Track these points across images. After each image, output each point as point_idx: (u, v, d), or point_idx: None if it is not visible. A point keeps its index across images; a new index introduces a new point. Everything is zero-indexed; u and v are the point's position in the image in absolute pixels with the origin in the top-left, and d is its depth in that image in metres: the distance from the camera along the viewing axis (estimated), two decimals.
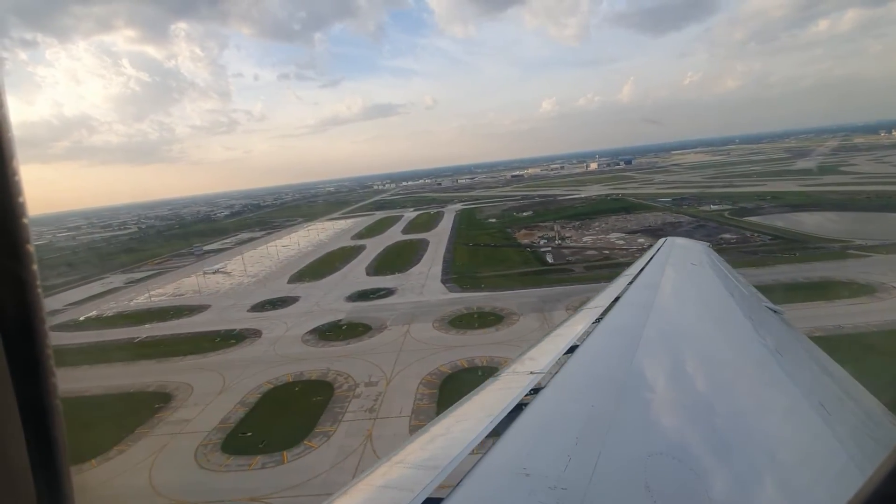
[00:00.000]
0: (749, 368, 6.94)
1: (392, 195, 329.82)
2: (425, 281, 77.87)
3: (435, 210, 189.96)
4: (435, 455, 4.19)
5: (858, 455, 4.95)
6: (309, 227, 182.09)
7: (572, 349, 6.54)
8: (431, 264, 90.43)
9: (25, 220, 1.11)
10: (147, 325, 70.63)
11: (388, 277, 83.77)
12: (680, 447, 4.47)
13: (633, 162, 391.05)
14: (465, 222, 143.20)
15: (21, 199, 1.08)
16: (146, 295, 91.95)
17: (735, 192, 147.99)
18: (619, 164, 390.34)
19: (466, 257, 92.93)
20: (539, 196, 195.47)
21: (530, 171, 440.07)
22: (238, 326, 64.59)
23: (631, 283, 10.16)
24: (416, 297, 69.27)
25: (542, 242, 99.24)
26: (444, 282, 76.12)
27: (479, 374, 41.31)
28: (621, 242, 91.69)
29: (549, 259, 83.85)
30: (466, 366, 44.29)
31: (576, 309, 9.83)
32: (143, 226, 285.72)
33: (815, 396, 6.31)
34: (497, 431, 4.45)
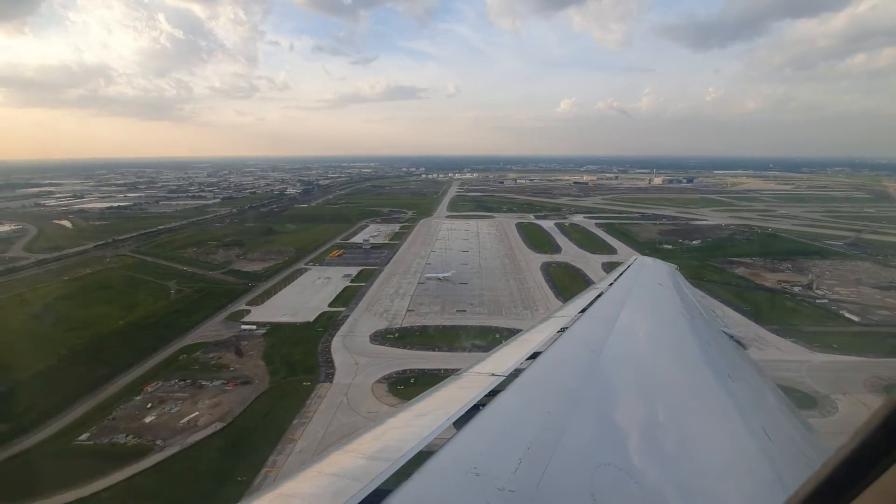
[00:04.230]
0: (701, 391, 7.18)
1: (463, 189, 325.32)
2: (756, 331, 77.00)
3: (566, 221, 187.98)
4: (388, 447, 4.28)
5: (792, 479, 5.20)
6: (449, 228, 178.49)
7: (535, 355, 6.70)
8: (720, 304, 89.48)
9: None
10: None
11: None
12: (628, 460, 4.63)
13: (694, 181, 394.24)
14: (643, 247, 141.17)
15: None
16: (412, 299, 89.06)
17: None
18: (681, 182, 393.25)
19: (740, 300, 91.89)
20: (667, 219, 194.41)
21: (586, 177, 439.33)
22: None
23: (598, 296, 10.46)
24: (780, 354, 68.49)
25: (796, 290, 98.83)
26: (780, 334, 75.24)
27: None
28: None
29: (852, 317, 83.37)
30: None
31: (543, 318, 10.02)
32: (221, 196, 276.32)
33: (760, 422, 6.64)
34: (452, 429, 4.54)
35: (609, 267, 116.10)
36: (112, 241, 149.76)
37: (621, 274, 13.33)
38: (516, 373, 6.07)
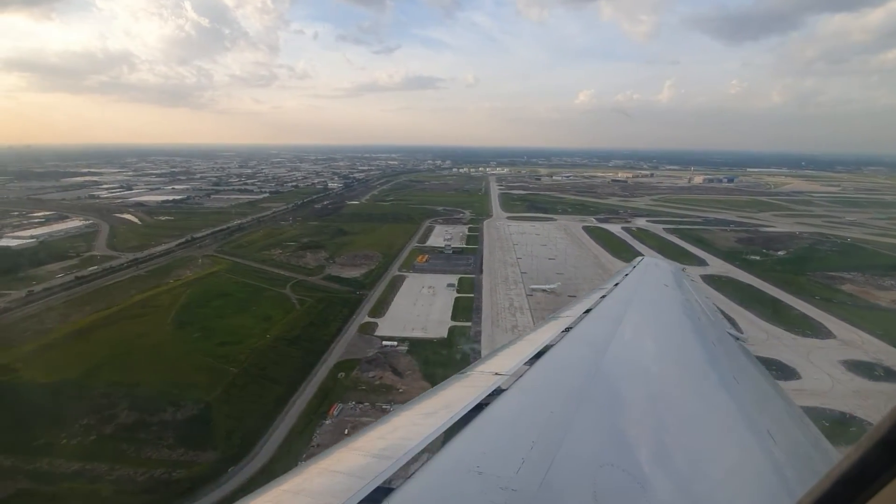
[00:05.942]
0: (705, 392, 7.10)
1: (503, 187, 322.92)
2: None
3: (632, 226, 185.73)
4: (392, 445, 4.27)
5: (797, 484, 5.12)
6: (517, 231, 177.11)
7: (539, 355, 6.68)
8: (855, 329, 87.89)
9: None
10: None
11: None
12: (631, 461, 4.56)
13: (735, 180, 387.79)
14: (729, 257, 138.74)
15: None
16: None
17: None
18: (721, 181, 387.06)
19: (871, 324, 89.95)
20: (734, 224, 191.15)
21: (622, 174, 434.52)
22: None
23: (604, 297, 10.34)
24: None
25: None
26: None
27: None
28: None
29: None
30: None
31: (547, 317, 9.88)
32: (267, 191, 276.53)
33: (764, 424, 6.53)
34: (456, 428, 4.49)
35: (710, 281, 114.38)
36: (191, 240, 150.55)
37: (627, 275, 13.17)
38: (520, 372, 6.04)
